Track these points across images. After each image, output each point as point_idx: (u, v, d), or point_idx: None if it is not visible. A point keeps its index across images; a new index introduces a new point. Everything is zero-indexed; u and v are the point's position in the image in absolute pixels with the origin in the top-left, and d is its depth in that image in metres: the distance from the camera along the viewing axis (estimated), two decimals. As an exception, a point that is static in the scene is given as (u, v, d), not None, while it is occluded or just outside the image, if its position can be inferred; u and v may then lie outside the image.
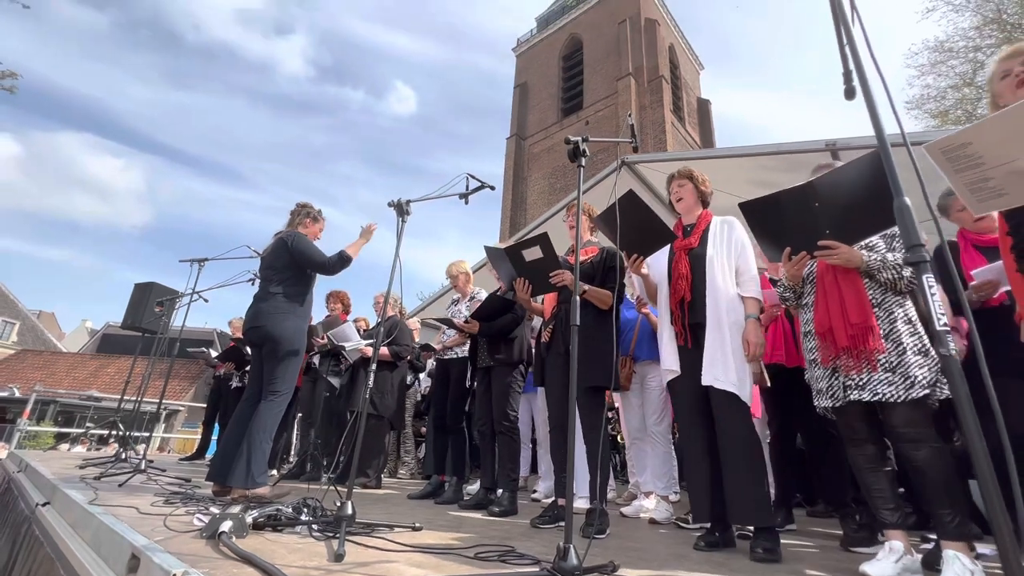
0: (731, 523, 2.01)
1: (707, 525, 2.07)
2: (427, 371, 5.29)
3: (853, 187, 1.61)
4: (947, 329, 0.82)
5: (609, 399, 2.98)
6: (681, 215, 2.40)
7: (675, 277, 2.21)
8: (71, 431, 11.43)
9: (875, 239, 1.84)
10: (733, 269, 2.16)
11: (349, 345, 4.13)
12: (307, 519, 1.90)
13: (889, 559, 1.57)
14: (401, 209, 2.36)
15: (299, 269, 2.94)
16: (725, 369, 2.01)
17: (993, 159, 1.14)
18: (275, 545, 1.59)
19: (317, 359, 4.59)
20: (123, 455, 4.13)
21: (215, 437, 5.92)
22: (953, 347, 0.80)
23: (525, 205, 29.58)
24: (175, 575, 1.19)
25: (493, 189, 2.55)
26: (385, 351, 4.02)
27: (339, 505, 1.78)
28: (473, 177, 2.47)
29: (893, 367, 1.65)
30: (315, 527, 1.84)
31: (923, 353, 1.66)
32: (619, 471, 5.70)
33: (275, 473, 4.23)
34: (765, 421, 2.95)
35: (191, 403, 17.80)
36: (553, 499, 2.64)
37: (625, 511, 3.12)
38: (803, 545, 2.27)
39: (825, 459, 2.61)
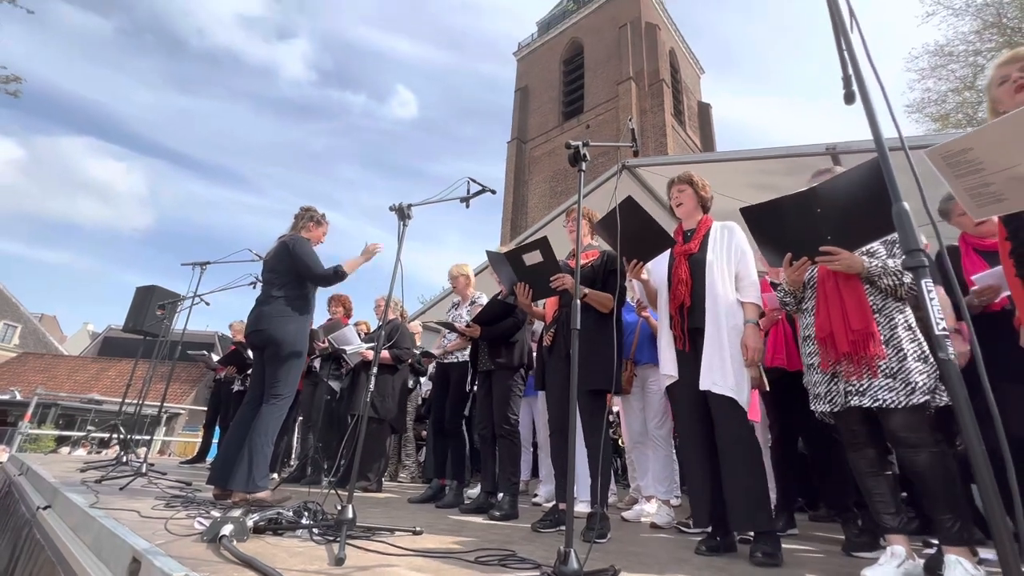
0: (731, 529, 2.01)
1: (708, 529, 2.06)
2: (428, 375, 5.30)
3: (855, 193, 1.62)
4: (946, 334, 0.82)
5: (609, 403, 2.97)
6: (681, 220, 2.41)
7: (675, 282, 2.22)
8: (72, 434, 11.44)
9: (875, 245, 1.85)
10: (733, 274, 2.17)
11: (350, 349, 4.14)
12: (308, 523, 1.91)
13: (891, 564, 1.57)
14: (402, 213, 2.37)
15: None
16: (723, 374, 2.01)
17: (994, 164, 1.15)
18: (276, 549, 1.59)
19: (318, 363, 4.60)
20: (124, 458, 4.13)
21: (216, 440, 5.92)
22: (952, 352, 0.80)
23: (526, 209, 29.62)
24: (176, 579, 1.19)
25: (494, 193, 2.55)
26: (386, 354, 4.03)
27: (340, 509, 1.78)
28: (474, 181, 2.47)
29: (894, 373, 1.65)
30: (316, 531, 1.83)
31: (923, 360, 1.67)
32: (620, 475, 5.69)
33: (276, 477, 4.22)
34: (766, 425, 2.94)
35: (192, 406, 17.81)
36: (554, 503, 2.64)
37: (626, 515, 3.11)
38: (805, 550, 2.27)
39: (827, 463, 2.60)
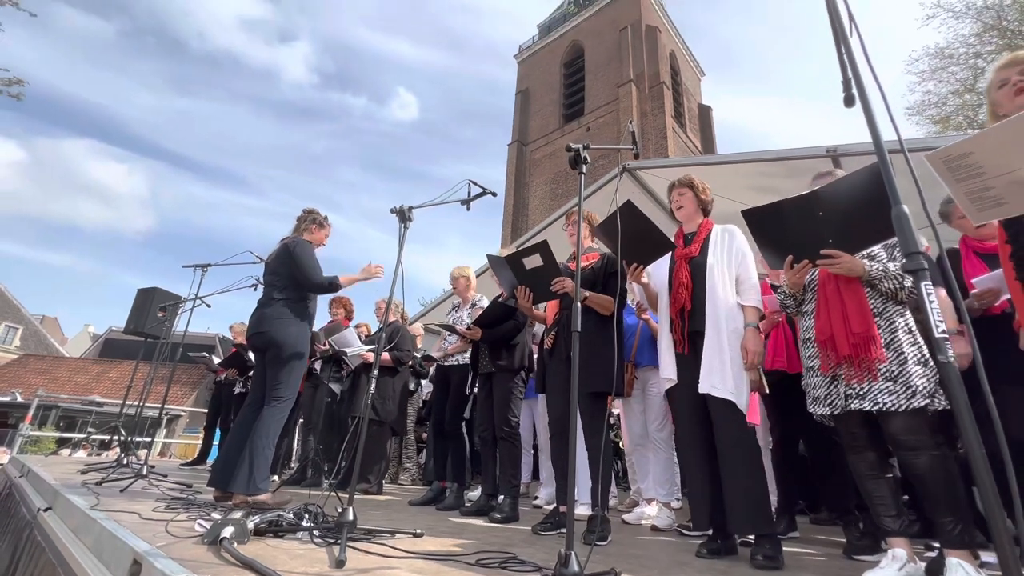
0: (730, 532, 2.01)
1: (709, 532, 2.06)
2: (429, 378, 5.30)
3: (856, 196, 1.62)
4: (946, 337, 0.82)
5: (610, 405, 2.97)
6: (682, 223, 2.41)
7: (675, 286, 2.22)
8: (73, 436, 11.43)
9: (876, 248, 1.85)
10: (733, 278, 2.17)
11: (351, 351, 4.14)
12: (308, 525, 1.91)
13: (892, 567, 1.56)
14: (403, 215, 2.37)
15: None
16: (723, 377, 2.01)
17: (994, 169, 1.15)
18: (276, 551, 1.59)
19: (319, 365, 4.60)
20: (125, 460, 4.14)
21: (216, 442, 5.92)
22: (951, 355, 0.80)
23: (527, 211, 29.62)
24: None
25: (495, 195, 2.55)
26: (387, 357, 4.03)
27: (340, 511, 1.78)
28: (475, 183, 2.47)
29: (894, 376, 1.65)
30: (316, 533, 1.83)
31: (923, 363, 1.67)
32: (620, 478, 5.68)
33: (276, 479, 4.22)
34: (767, 428, 2.94)
35: (192, 408, 17.81)
36: (554, 505, 2.63)
37: (627, 518, 3.11)
38: (806, 553, 2.26)
39: (827, 466, 2.60)
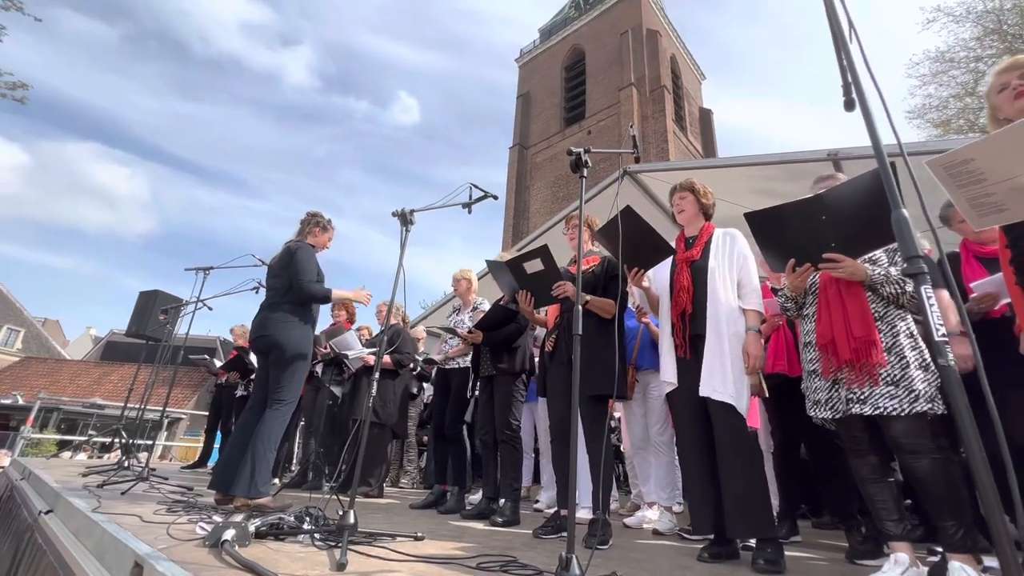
0: (730, 536, 2.00)
1: (710, 536, 2.05)
2: (431, 381, 5.30)
3: (860, 201, 1.62)
4: (946, 340, 0.82)
5: (611, 409, 2.97)
6: (683, 227, 2.41)
7: (677, 289, 2.22)
8: (74, 439, 11.44)
9: (878, 253, 1.85)
10: (735, 281, 2.17)
11: (352, 354, 4.14)
12: (309, 528, 1.90)
13: (894, 571, 1.56)
14: (405, 219, 2.37)
15: None
16: (723, 380, 2.01)
17: (995, 175, 1.15)
18: (278, 554, 1.59)
19: (320, 368, 4.60)
20: (126, 463, 4.14)
21: (217, 445, 5.92)
22: (951, 358, 0.80)
23: (528, 214, 29.66)
24: (178, 583, 1.19)
25: (496, 199, 2.56)
26: (387, 359, 4.03)
27: (341, 514, 1.78)
28: (476, 187, 2.48)
29: (896, 380, 1.65)
30: (317, 536, 1.83)
31: (924, 368, 1.67)
32: (621, 481, 5.66)
33: (277, 482, 4.22)
34: (768, 432, 2.93)
35: (193, 411, 17.79)
36: (555, 509, 2.63)
37: (628, 522, 3.10)
38: (808, 557, 2.25)
39: (829, 470, 2.60)
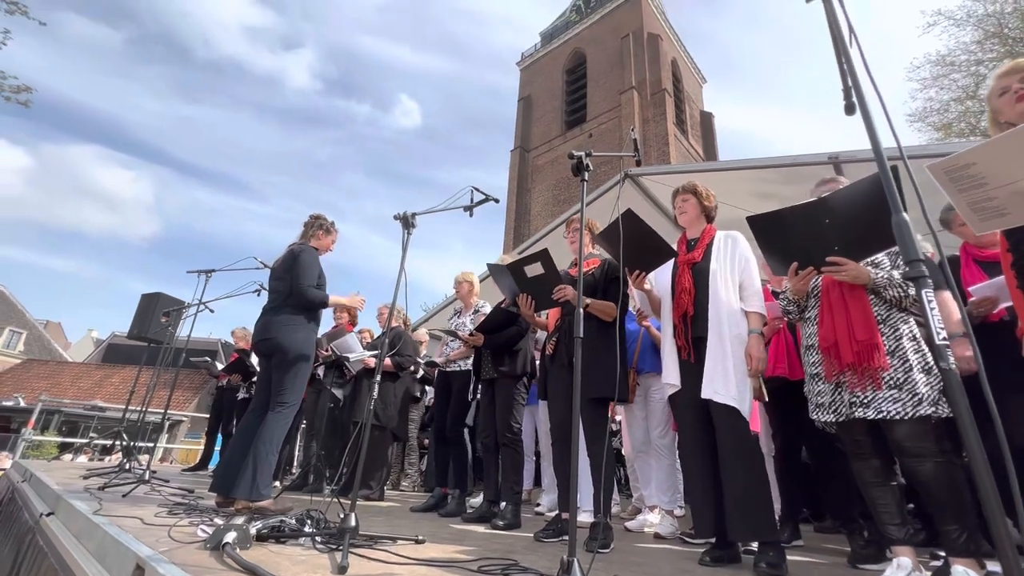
0: (731, 540, 1.99)
1: (712, 540, 2.05)
2: (434, 383, 5.29)
3: (863, 204, 1.62)
4: (947, 343, 0.82)
5: (612, 412, 2.96)
6: (685, 229, 2.42)
7: (679, 291, 2.22)
8: (75, 441, 11.45)
9: (880, 256, 1.85)
10: (737, 283, 2.17)
11: (352, 356, 4.15)
12: (310, 531, 1.90)
13: (897, 576, 1.55)
14: (407, 222, 2.38)
15: None
16: (725, 383, 2.01)
17: (996, 179, 1.15)
18: (279, 557, 1.59)
19: (321, 370, 4.61)
20: (127, 465, 4.14)
21: (218, 448, 5.91)
22: (953, 361, 0.81)
23: (529, 217, 29.69)
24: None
25: (497, 202, 2.57)
26: (388, 362, 4.03)
27: (342, 517, 1.78)
28: (477, 190, 2.49)
29: (899, 384, 1.65)
30: (318, 539, 1.83)
31: (927, 371, 1.66)
32: (623, 485, 5.65)
33: (278, 484, 4.22)
34: (769, 435, 2.93)
35: (195, 413, 17.79)
36: (557, 512, 2.62)
37: (629, 525, 3.09)
38: (810, 561, 2.24)
39: (831, 473, 2.58)
